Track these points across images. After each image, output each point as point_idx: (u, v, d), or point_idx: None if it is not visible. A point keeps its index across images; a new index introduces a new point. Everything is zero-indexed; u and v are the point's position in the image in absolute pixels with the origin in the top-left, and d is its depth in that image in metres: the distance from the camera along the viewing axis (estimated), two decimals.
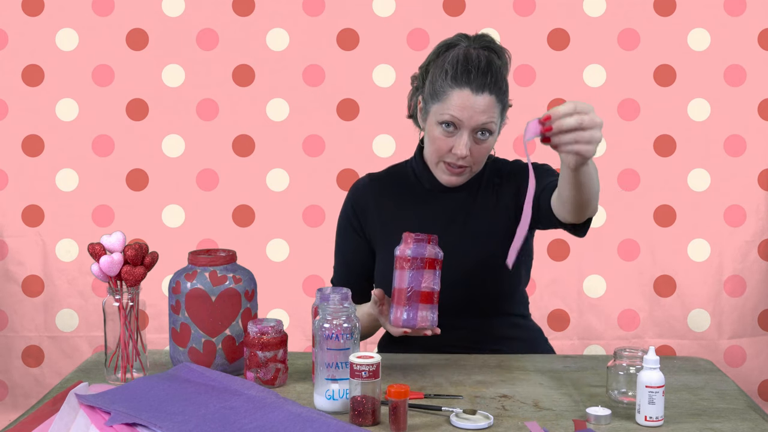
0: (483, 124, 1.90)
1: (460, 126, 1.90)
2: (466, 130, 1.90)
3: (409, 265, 1.74)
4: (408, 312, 1.75)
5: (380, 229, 2.07)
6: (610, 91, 3.13)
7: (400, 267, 1.76)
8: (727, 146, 3.13)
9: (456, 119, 1.90)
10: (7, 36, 3.14)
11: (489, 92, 1.90)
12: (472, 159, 1.94)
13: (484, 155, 1.96)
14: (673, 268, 3.17)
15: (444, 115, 1.91)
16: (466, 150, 1.91)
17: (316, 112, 3.16)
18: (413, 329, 1.75)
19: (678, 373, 1.87)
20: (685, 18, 3.10)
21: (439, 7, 3.12)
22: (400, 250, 1.77)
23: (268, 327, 1.76)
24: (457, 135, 1.91)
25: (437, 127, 1.93)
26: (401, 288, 1.75)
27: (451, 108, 1.90)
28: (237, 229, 3.18)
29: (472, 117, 1.89)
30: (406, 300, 1.75)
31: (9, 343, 3.21)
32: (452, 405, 1.66)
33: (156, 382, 1.70)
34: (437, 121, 1.93)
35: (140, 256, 1.78)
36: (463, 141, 1.90)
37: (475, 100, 1.89)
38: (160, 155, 3.17)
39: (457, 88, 1.90)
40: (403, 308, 1.75)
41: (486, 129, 1.92)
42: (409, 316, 1.75)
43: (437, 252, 1.75)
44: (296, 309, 3.13)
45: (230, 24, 3.14)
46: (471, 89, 1.89)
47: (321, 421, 1.49)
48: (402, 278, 1.75)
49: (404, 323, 1.75)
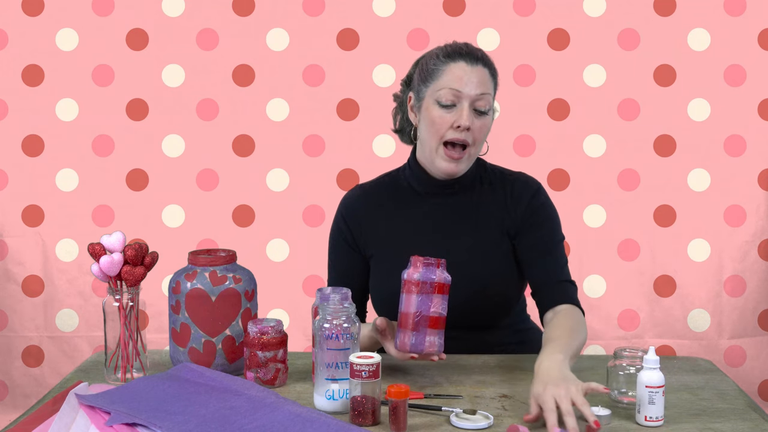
0: (481, 95, 1.90)
1: (460, 98, 1.90)
2: (465, 101, 1.90)
3: (418, 290, 1.71)
4: (416, 337, 1.71)
5: (374, 240, 2.05)
6: (610, 91, 3.13)
7: (408, 291, 1.72)
8: (727, 146, 3.13)
9: (455, 91, 1.90)
10: (7, 36, 3.14)
11: (483, 65, 1.92)
12: (472, 136, 1.92)
13: (483, 134, 1.95)
14: (673, 268, 3.17)
15: (442, 90, 1.91)
16: (468, 120, 1.89)
17: (316, 112, 3.16)
18: (420, 354, 1.73)
19: (678, 373, 1.87)
20: (685, 18, 3.11)
21: (439, 7, 3.12)
22: (408, 274, 1.73)
23: (268, 327, 1.76)
24: (457, 108, 1.91)
25: (435, 106, 1.92)
26: (408, 312, 1.72)
27: (448, 81, 1.91)
28: (237, 229, 3.18)
29: (471, 86, 1.90)
30: (414, 325, 1.71)
31: (9, 343, 3.21)
32: (452, 405, 1.66)
33: (156, 382, 1.70)
34: (435, 100, 1.92)
35: (140, 256, 1.78)
36: (465, 110, 1.90)
37: (472, 70, 1.91)
38: (160, 155, 3.17)
39: (451, 62, 1.92)
40: (410, 333, 1.72)
41: (484, 102, 1.91)
42: (416, 341, 1.71)
43: (446, 276, 1.72)
44: (296, 309, 3.13)
45: (230, 24, 3.14)
46: (465, 61, 1.91)
47: (321, 421, 1.49)
48: (409, 302, 1.72)
49: (412, 348, 1.72)
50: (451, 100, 1.90)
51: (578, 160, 3.15)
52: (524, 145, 3.14)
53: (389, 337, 1.79)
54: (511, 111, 3.10)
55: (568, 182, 3.13)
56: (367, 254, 2.06)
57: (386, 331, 1.79)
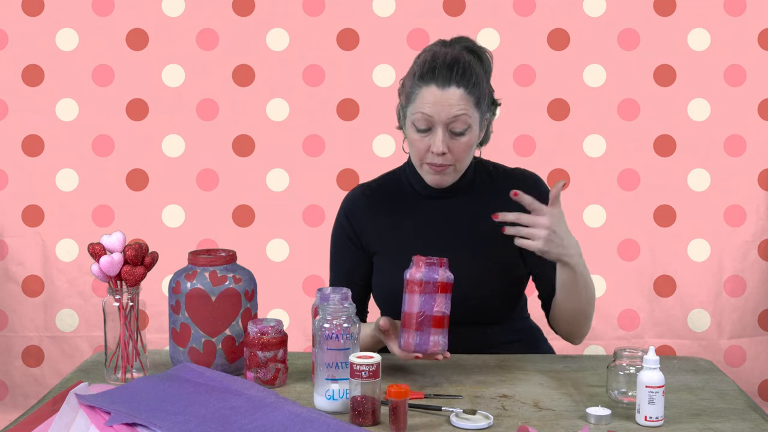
0: (454, 117, 1.88)
1: (433, 123, 1.89)
2: (439, 126, 1.89)
3: (421, 289, 1.70)
4: (420, 337, 1.71)
5: (377, 239, 2.06)
6: (610, 91, 3.13)
7: (411, 291, 1.72)
8: (727, 146, 3.13)
9: (426, 116, 1.89)
10: (7, 36, 3.14)
11: (456, 86, 1.88)
12: (453, 156, 1.92)
13: (465, 151, 1.94)
14: (673, 268, 3.17)
15: (416, 115, 1.90)
16: (442, 146, 1.89)
17: (316, 112, 3.16)
18: (424, 354, 1.73)
19: (678, 373, 1.87)
20: (685, 18, 3.10)
21: (439, 7, 3.12)
22: (410, 274, 1.72)
23: (268, 327, 1.76)
24: (432, 133, 1.91)
25: (413, 129, 1.93)
26: (411, 312, 1.71)
27: (420, 106, 1.89)
28: (237, 229, 3.18)
29: (442, 111, 1.88)
30: (417, 324, 1.71)
31: (9, 343, 3.21)
32: (452, 405, 1.66)
33: (156, 382, 1.70)
34: (411, 122, 1.93)
35: (140, 256, 1.78)
36: (438, 138, 1.89)
37: (442, 95, 1.88)
38: (160, 155, 3.17)
39: (424, 85, 1.90)
40: (414, 333, 1.71)
41: (460, 123, 1.89)
42: (421, 341, 1.71)
43: (449, 276, 1.72)
44: (296, 309, 3.13)
45: (230, 24, 3.14)
46: (437, 84, 1.88)
47: (321, 421, 1.49)
48: (412, 302, 1.71)
49: (416, 348, 1.72)
50: (424, 125, 1.90)
51: (578, 160, 3.15)
52: (524, 145, 3.14)
53: (393, 336, 1.79)
54: (511, 111, 3.09)
55: (568, 182, 3.13)
56: (370, 251, 2.07)
57: (389, 331, 1.79)
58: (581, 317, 1.98)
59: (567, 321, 2.00)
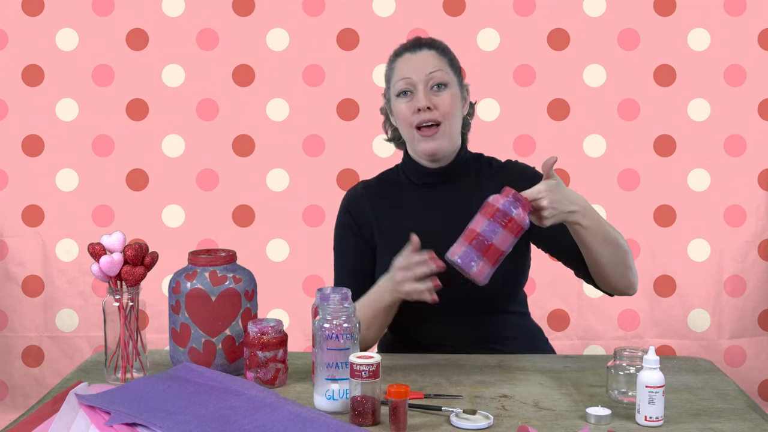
0: (431, 73, 1.99)
1: (413, 83, 2.00)
2: (420, 84, 1.99)
3: (493, 216, 1.70)
4: (469, 254, 1.70)
5: (378, 234, 2.07)
6: (610, 91, 3.13)
7: (484, 213, 1.72)
8: (727, 146, 3.14)
9: (406, 79, 2.00)
10: (7, 36, 3.14)
11: (428, 48, 2.03)
12: (439, 112, 1.99)
13: (450, 105, 2.00)
14: (673, 268, 3.17)
15: (397, 83, 2.02)
16: (425, 100, 1.97)
17: (316, 112, 3.16)
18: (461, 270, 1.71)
19: (678, 373, 1.87)
20: (685, 18, 3.11)
21: (439, 7, 3.12)
22: (493, 198, 1.73)
23: (268, 327, 1.76)
24: (414, 95, 2.00)
25: (397, 100, 2.02)
26: (474, 229, 1.71)
27: (399, 74, 2.02)
28: (237, 229, 3.18)
29: (418, 69, 2.00)
30: (475, 242, 1.69)
31: (9, 343, 3.21)
32: (452, 405, 1.66)
33: (156, 382, 1.70)
34: (394, 94, 2.03)
35: (140, 256, 1.78)
36: (420, 92, 1.99)
37: (416, 57, 2.02)
38: (160, 155, 3.17)
39: (399, 58, 2.05)
40: (467, 246, 1.70)
41: (438, 79, 1.99)
42: (469, 257, 1.69)
43: (525, 221, 1.72)
44: (296, 309, 3.13)
45: (230, 24, 3.14)
46: (409, 52, 2.04)
47: (321, 421, 1.49)
48: (480, 222, 1.71)
49: (461, 258, 1.70)
50: (405, 88, 2.01)
51: (578, 160, 3.15)
52: (524, 145, 3.13)
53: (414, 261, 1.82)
54: (511, 111, 3.10)
55: (568, 182, 3.13)
56: (373, 244, 2.08)
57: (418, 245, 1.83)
58: (618, 268, 1.95)
59: (607, 276, 1.97)
